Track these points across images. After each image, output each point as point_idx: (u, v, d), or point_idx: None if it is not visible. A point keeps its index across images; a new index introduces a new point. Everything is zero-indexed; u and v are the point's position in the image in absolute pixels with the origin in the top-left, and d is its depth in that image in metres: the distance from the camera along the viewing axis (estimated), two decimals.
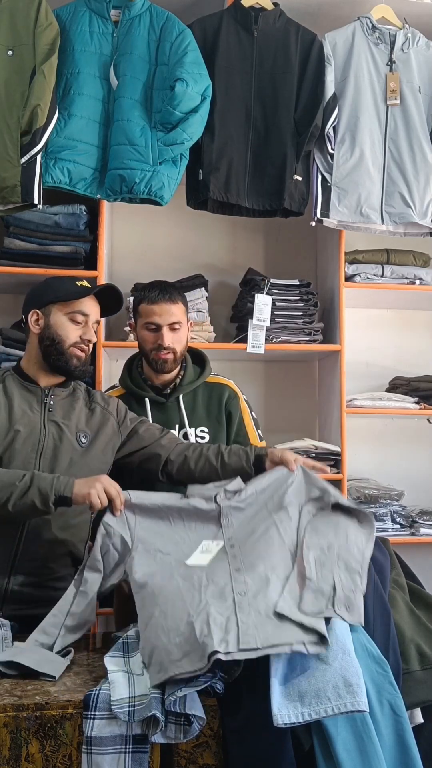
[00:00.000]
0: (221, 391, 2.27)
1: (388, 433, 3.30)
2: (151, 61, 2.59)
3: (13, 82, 2.45)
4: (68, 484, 1.72)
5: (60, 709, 1.35)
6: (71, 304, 1.95)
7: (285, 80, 2.74)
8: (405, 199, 2.83)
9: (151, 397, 2.20)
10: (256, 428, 2.30)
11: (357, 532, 1.63)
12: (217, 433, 2.22)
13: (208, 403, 2.25)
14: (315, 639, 1.36)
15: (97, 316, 2.00)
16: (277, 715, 1.26)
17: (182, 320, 2.18)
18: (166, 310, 2.15)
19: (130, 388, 2.23)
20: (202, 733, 1.34)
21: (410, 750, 1.36)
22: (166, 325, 2.15)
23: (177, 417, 2.20)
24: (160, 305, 2.14)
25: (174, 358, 2.17)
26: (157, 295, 2.16)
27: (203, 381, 2.26)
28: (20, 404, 1.93)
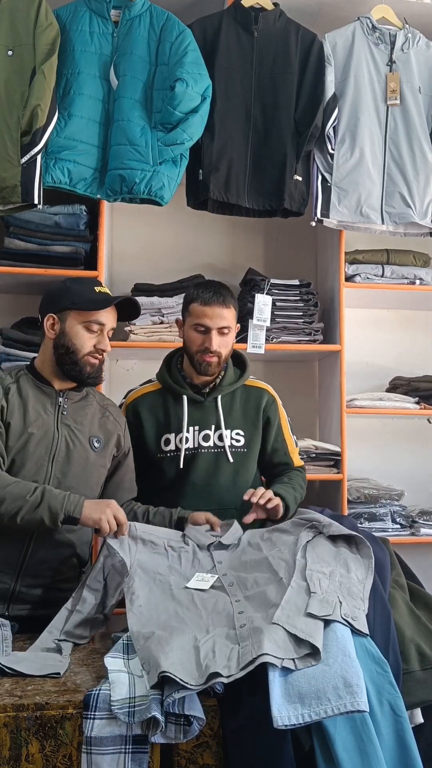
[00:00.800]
0: (260, 396, 2.24)
1: (388, 433, 3.30)
2: (151, 61, 2.59)
3: (13, 82, 2.45)
4: (78, 504, 1.74)
5: (60, 709, 1.35)
6: (88, 313, 1.92)
7: (285, 80, 2.74)
8: (405, 199, 2.83)
9: (189, 395, 2.17)
10: (293, 434, 2.29)
11: (357, 564, 1.63)
12: (253, 437, 2.20)
13: (246, 406, 2.22)
14: (307, 652, 1.37)
15: (113, 324, 1.98)
16: (277, 716, 1.26)
17: (232, 325, 2.13)
18: (218, 313, 2.09)
19: (168, 384, 2.20)
20: (202, 733, 1.34)
21: (410, 750, 1.35)
22: (215, 329, 2.09)
23: (214, 417, 2.17)
24: (213, 308, 2.09)
25: (218, 361, 2.13)
26: (211, 296, 2.09)
27: (242, 384, 2.23)
28: (35, 406, 1.93)
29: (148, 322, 2.84)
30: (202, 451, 2.16)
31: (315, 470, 2.85)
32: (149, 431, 2.18)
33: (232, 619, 1.51)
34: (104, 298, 1.94)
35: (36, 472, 1.88)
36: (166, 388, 2.20)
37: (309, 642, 1.38)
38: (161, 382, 2.22)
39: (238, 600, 1.59)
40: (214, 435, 2.16)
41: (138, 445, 2.17)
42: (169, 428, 2.17)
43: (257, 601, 1.57)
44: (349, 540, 1.71)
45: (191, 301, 2.14)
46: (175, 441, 2.16)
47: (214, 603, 1.59)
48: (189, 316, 2.14)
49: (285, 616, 1.45)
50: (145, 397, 2.21)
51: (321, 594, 1.51)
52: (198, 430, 2.17)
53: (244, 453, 2.19)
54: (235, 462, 2.17)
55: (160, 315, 2.85)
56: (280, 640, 1.38)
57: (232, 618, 1.52)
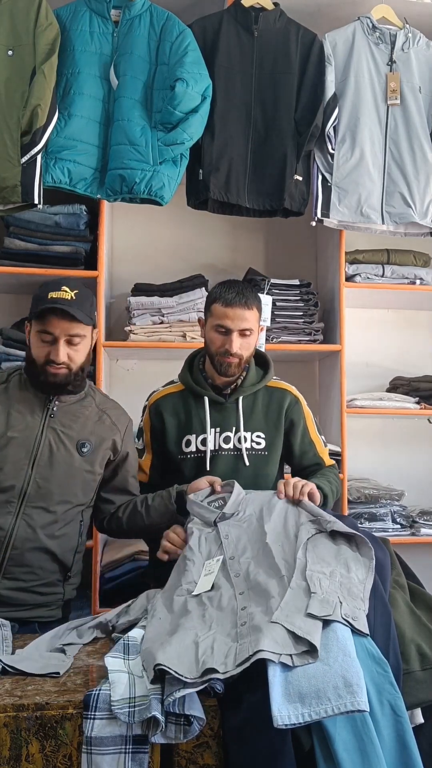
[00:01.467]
0: (282, 397, 2.20)
1: (389, 433, 3.30)
2: (152, 61, 2.59)
3: (14, 82, 2.45)
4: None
5: (60, 709, 1.35)
6: (37, 322, 1.86)
7: (285, 80, 2.74)
8: (405, 199, 2.82)
9: (210, 397, 2.14)
10: (319, 434, 2.26)
11: (357, 564, 1.63)
12: (274, 440, 2.17)
13: (268, 408, 2.18)
14: (305, 649, 1.37)
15: (69, 330, 1.84)
16: (277, 716, 1.26)
17: (254, 327, 2.09)
18: (240, 315, 2.04)
19: (189, 385, 2.17)
20: (202, 733, 1.34)
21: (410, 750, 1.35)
22: (237, 331, 2.05)
23: (234, 419, 2.14)
24: (234, 309, 2.04)
25: (239, 363, 2.09)
26: (233, 297, 2.04)
27: (264, 385, 2.19)
28: (19, 409, 1.91)
29: (148, 322, 2.84)
30: (222, 453, 2.13)
31: None
32: (171, 432, 2.16)
33: (235, 616, 1.51)
34: (46, 307, 1.83)
35: (15, 476, 1.87)
36: (188, 389, 2.17)
37: (307, 640, 1.38)
38: (183, 382, 2.19)
39: (242, 592, 1.59)
40: (234, 437, 2.13)
41: (161, 447, 2.17)
42: (190, 429, 2.14)
43: (259, 595, 1.57)
44: (349, 539, 1.71)
45: (213, 301, 2.09)
46: (196, 442, 2.13)
47: (219, 598, 1.59)
48: (210, 317, 2.10)
49: (284, 615, 1.45)
50: (167, 398, 2.18)
51: (321, 594, 1.50)
52: (219, 431, 2.13)
53: (264, 456, 2.15)
54: (253, 465, 2.13)
55: (160, 315, 2.85)
56: (278, 637, 1.38)
57: (236, 614, 1.52)
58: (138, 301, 2.86)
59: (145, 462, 2.21)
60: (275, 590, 1.55)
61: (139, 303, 2.86)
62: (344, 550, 1.68)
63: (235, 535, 1.78)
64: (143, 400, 2.26)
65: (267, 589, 1.56)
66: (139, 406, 2.26)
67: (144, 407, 2.23)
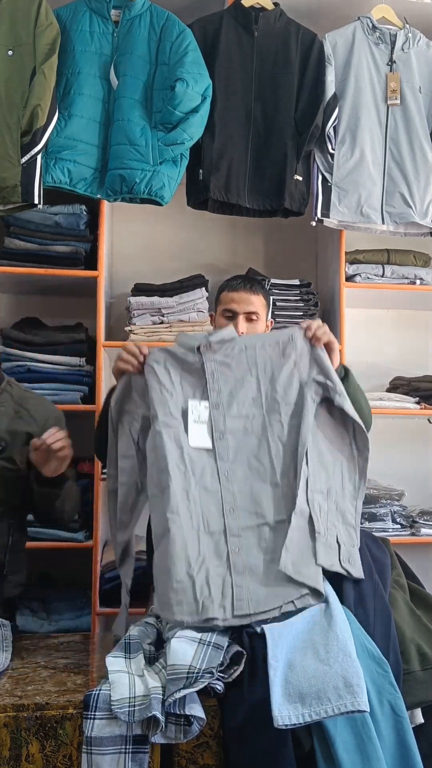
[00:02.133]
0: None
1: (389, 433, 3.29)
2: (152, 61, 2.59)
3: (14, 82, 2.45)
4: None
5: (60, 709, 1.35)
6: None
7: (285, 80, 2.74)
8: (405, 199, 2.82)
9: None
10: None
11: (350, 472, 1.64)
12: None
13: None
14: (306, 592, 1.39)
15: None
16: (277, 716, 1.26)
17: (260, 313, 2.12)
18: (245, 298, 2.10)
19: None
20: (202, 733, 1.34)
21: (410, 750, 1.35)
22: (242, 314, 2.09)
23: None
24: (240, 293, 2.11)
25: None
26: (238, 283, 2.13)
27: None
28: None
29: (148, 322, 2.84)
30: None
31: None
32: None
33: (225, 541, 1.54)
34: None
35: None
36: None
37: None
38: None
39: (232, 509, 1.61)
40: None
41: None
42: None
43: (248, 503, 1.59)
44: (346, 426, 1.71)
45: (221, 291, 2.17)
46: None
47: (201, 472, 1.61)
48: (219, 305, 2.16)
49: (290, 563, 1.45)
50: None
51: (324, 534, 1.51)
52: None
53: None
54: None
55: (160, 315, 2.85)
56: (279, 587, 1.40)
57: (225, 539, 1.55)
58: (138, 301, 2.86)
59: None
60: (268, 506, 1.56)
61: (139, 303, 2.86)
62: (339, 457, 1.67)
63: (223, 380, 1.75)
64: None
65: (259, 501, 1.56)
66: None
67: None
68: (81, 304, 3.04)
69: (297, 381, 1.74)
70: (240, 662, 1.41)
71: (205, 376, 1.76)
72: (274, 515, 1.59)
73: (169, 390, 1.72)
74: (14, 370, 2.71)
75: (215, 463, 1.63)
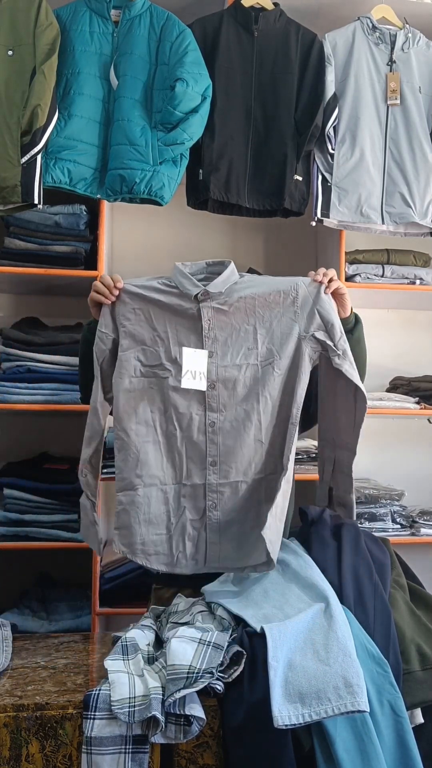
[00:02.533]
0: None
1: (389, 433, 3.30)
2: (152, 61, 2.59)
3: (13, 82, 2.45)
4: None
5: (60, 709, 1.35)
6: None
7: (285, 80, 2.74)
8: (405, 199, 2.82)
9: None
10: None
11: (348, 416, 1.66)
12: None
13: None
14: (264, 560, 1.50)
15: None
16: (277, 716, 1.26)
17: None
18: None
19: None
20: (202, 733, 1.34)
21: (410, 750, 1.35)
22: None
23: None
24: None
25: None
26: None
27: None
28: None
29: None
30: None
31: (315, 470, 2.85)
32: None
33: (204, 493, 1.61)
34: None
35: None
36: None
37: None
38: None
39: (214, 462, 1.65)
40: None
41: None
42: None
43: (231, 474, 1.64)
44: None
45: None
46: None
47: (188, 421, 1.65)
48: None
49: (270, 534, 1.53)
50: None
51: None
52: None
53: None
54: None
55: None
56: (250, 548, 1.49)
57: (204, 491, 1.62)
58: None
59: None
60: (249, 462, 1.62)
61: None
62: (339, 406, 1.71)
63: (218, 327, 1.73)
64: None
65: (241, 457, 1.62)
66: None
67: None
68: (81, 304, 3.03)
69: (296, 334, 1.71)
70: (240, 662, 1.41)
71: (201, 322, 1.73)
72: (254, 472, 1.63)
73: (161, 336, 1.72)
74: (14, 370, 2.71)
75: (204, 413, 1.64)
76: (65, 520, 2.62)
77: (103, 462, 2.71)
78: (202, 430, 1.65)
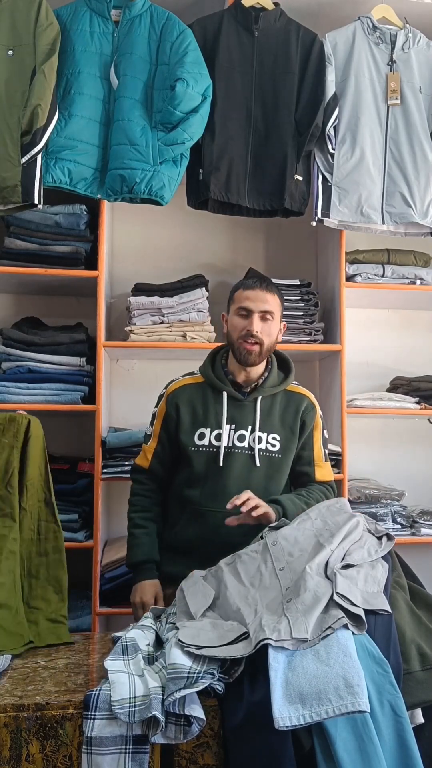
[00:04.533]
0: (299, 401, 2.20)
1: (389, 433, 3.30)
2: (152, 61, 2.59)
3: (14, 82, 2.45)
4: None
5: (60, 710, 1.35)
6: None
7: (285, 80, 2.74)
8: (406, 199, 2.82)
9: (229, 392, 2.15)
10: (324, 447, 2.24)
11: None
12: (289, 444, 2.16)
13: (285, 411, 2.18)
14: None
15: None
16: (278, 717, 1.26)
17: (275, 313, 2.12)
18: (261, 297, 2.09)
19: (210, 379, 2.17)
20: (203, 733, 1.34)
21: (411, 750, 1.35)
22: (257, 312, 2.09)
23: (251, 418, 2.13)
24: (256, 291, 2.10)
25: (260, 351, 2.10)
26: (254, 282, 2.13)
27: (284, 388, 2.20)
28: None
29: (149, 322, 2.84)
30: (235, 451, 2.12)
31: None
32: (185, 423, 2.14)
33: (282, 602, 1.55)
34: None
35: None
36: (208, 382, 2.18)
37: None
38: (204, 375, 2.20)
39: (282, 568, 1.64)
40: (249, 436, 2.13)
41: (171, 437, 2.17)
42: (205, 423, 2.13)
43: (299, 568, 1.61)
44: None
45: (235, 290, 2.16)
46: (210, 437, 2.12)
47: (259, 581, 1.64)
48: (233, 304, 2.15)
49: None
50: (185, 389, 2.18)
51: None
52: (234, 429, 2.13)
53: (278, 458, 2.14)
54: (266, 466, 2.12)
55: (160, 315, 2.85)
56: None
57: (281, 600, 1.56)
58: (138, 301, 2.86)
59: (149, 448, 2.21)
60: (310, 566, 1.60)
61: (140, 303, 2.86)
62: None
63: (281, 536, 1.75)
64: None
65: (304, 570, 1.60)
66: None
67: (161, 395, 2.22)
68: (81, 304, 3.04)
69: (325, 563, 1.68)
70: (240, 663, 1.41)
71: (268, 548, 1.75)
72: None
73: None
74: (14, 370, 2.71)
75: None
76: (65, 520, 2.61)
77: (103, 462, 2.71)
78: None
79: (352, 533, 1.70)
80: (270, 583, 1.61)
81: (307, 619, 1.43)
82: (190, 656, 1.42)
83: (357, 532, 1.71)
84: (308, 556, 1.64)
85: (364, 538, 1.71)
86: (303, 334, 2.95)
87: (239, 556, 1.75)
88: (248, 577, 1.66)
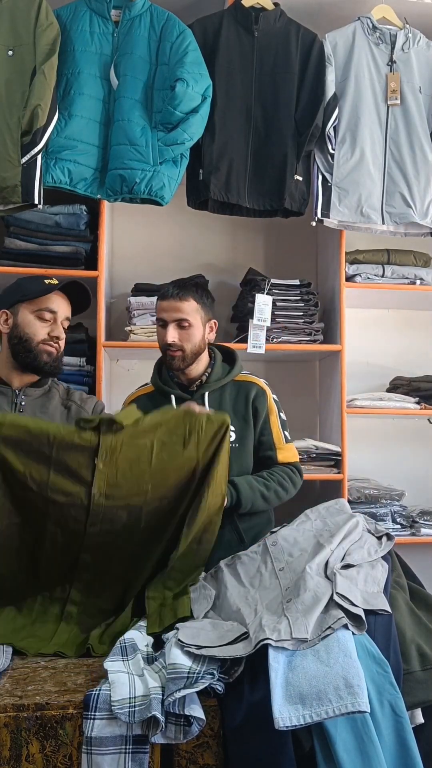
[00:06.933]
0: (248, 389, 2.22)
1: (389, 433, 3.30)
2: (152, 61, 2.59)
3: (14, 82, 2.45)
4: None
5: (60, 710, 1.34)
6: (38, 301, 1.97)
7: (285, 80, 2.74)
8: (405, 199, 2.82)
9: (176, 394, 2.18)
10: (283, 429, 2.25)
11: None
12: (244, 432, 2.18)
13: (235, 401, 2.20)
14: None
15: (67, 312, 2.03)
16: (278, 717, 1.25)
17: (191, 319, 2.14)
18: (174, 306, 2.13)
19: (158, 385, 2.22)
20: (202, 733, 1.34)
21: (411, 750, 1.35)
22: (171, 322, 2.13)
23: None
24: (168, 301, 2.14)
25: (182, 356, 2.13)
26: (168, 290, 2.15)
27: (231, 379, 2.22)
28: None
29: (149, 322, 2.84)
30: None
31: (315, 470, 2.85)
32: None
33: (282, 603, 1.55)
34: (51, 286, 2.00)
35: None
36: (157, 389, 2.22)
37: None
38: (153, 384, 2.25)
39: (282, 568, 1.64)
40: None
41: None
42: None
43: (299, 569, 1.61)
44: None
45: (156, 301, 2.21)
46: None
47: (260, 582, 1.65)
48: (156, 314, 2.21)
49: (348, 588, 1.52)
50: (139, 399, 2.23)
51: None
52: None
53: (236, 448, 2.15)
54: None
55: None
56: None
57: (281, 601, 1.56)
58: (138, 301, 2.86)
59: None
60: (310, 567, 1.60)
61: (140, 303, 2.86)
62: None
63: (282, 541, 1.75)
64: None
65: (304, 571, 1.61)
66: None
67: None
68: None
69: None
70: (240, 663, 1.41)
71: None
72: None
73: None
74: None
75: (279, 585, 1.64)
76: None
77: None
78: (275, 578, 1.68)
79: (351, 533, 1.70)
80: (270, 583, 1.62)
81: (307, 619, 1.43)
82: (190, 656, 1.42)
83: (357, 532, 1.72)
84: (308, 556, 1.64)
85: (364, 538, 1.71)
86: (303, 334, 2.95)
87: (239, 556, 1.76)
88: (248, 577, 1.67)
